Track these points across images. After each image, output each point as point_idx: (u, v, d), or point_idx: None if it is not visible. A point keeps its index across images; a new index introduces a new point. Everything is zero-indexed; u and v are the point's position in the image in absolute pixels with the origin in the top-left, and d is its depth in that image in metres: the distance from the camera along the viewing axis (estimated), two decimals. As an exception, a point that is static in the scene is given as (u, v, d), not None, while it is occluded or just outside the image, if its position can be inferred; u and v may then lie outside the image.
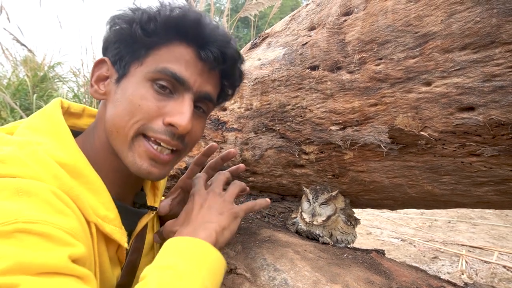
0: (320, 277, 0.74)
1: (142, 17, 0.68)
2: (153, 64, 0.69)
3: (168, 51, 0.70)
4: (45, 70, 4.83)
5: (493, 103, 0.68)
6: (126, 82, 0.70)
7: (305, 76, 0.98)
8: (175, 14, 0.68)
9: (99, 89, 0.73)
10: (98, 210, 0.66)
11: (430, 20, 0.74)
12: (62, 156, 0.64)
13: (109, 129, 0.70)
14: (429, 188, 0.89)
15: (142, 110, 0.68)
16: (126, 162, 0.71)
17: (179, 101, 0.70)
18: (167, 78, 0.68)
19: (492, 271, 2.28)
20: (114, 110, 0.70)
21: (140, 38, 0.68)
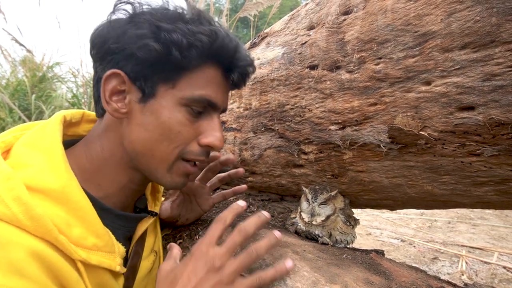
0: (319, 277, 0.73)
1: (182, 42, 0.64)
2: (188, 89, 0.68)
3: (200, 74, 0.69)
4: (44, 71, 4.83)
5: (493, 103, 0.68)
6: (156, 105, 0.68)
7: (304, 75, 0.98)
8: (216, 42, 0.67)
9: (118, 107, 0.68)
10: (86, 240, 0.63)
11: (430, 19, 0.74)
12: (50, 181, 0.61)
13: (140, 152, 0.70)
14: (429, 188, 0.89)
15: (182, 136, 0.70)
16: (163, 181, 0.73)
17: (209, 121, 0.73)
18: (201, 104, 0.70)
19: (492, 272, 2.28)
20: (148, 134, 0.68)
21: (178, 63, 0.65)
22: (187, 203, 1.00)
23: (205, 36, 0.66)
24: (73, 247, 0.60)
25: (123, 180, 0.74)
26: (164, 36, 0.63)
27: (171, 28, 0.64)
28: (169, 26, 0.64)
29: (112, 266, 0.67)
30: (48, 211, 0.58)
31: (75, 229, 0.62)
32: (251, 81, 1.13)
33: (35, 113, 4.10)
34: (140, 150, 0.70)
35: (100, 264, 0.65)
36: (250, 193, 1.28)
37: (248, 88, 1.14)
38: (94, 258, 0.64)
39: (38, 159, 0.64)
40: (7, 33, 4.04)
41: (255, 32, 4.58)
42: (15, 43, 4.11)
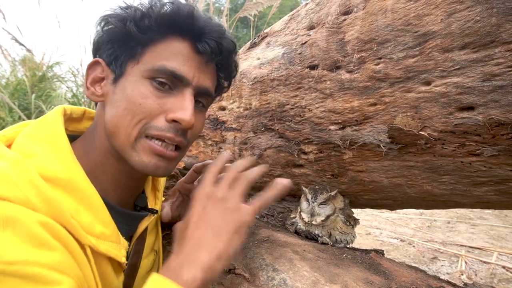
0: (319, 277, 0.73)
1: (135, 14, 0.67)
2: (150, 62, 0.68)
3: (164, 46, 0.69)
4: (43, 70, 4.83)
5: (493, 103, 0.68)
6: (124, 82, 0.69)
7: (304, 75, 0.98)
8: (168, 8, 0.68)
9: (95, 91, 0.72)
10: (94, 228, 0.63)
11: (430, 19, 0.74)
12: (57, 170, 0.62)
13: (110, 130, 0.69)
14: (429, 188, 0.89)
15: (144, 109, 0.67)
16: (132, 161, 0.70)
17: (180, 97, 0.70)
18: (165, 76, 0.68)
19: (491, 272, 2.28)
20: (114, 110, 0.69)
21: (135, 35, 0.67)
22: (186, 205, 0.99)
23: (158, 5, 0.68)
24: (83, 232, 0.60)
25: (115, 173, 0.74)
26: (121, 14, 0.69)
27: (128, 6, 0.69)
28: (128, 5, 0.69)
29: (118, 256, 0.68)
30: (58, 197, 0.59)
31: (84, 217, 0.62)
32: (251, 81, 1.13)
33: (35, 112, 4.09)
34: (110, 128, 0.69)
35: (107, 253, 0.65)
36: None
37: (248, 88, 1.14)
38: (102, 246, 0.64)
39: (43, 149, 0.64)
40: (7, 32, 4.03)
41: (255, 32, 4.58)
42: (15, 42, 4.11)
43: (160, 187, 0.93)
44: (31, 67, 4.67)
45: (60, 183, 0.61)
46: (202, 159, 1.28)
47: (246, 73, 1.15)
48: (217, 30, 0.71)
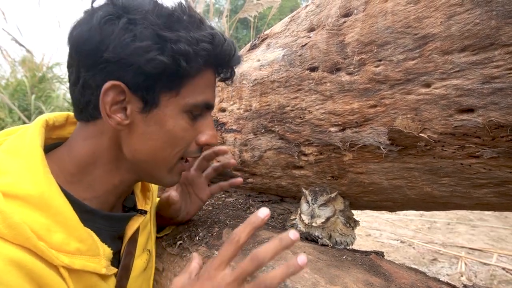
0: (319, 278, 0.73)
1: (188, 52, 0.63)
2: (191, 96, 0.69)
3: (201, 79, 0.70)
4: (43, 71, 4.83)
5: (493, 105, 0.68)
6: (160, 114, 0.67)
7: (305, 77, 0.98)
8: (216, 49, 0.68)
9: (120, 120, 0.66)
10: (68, 245, 0.62)
11: (430, 21, 0.74)
12: (27, 187, 0.60)
13: (143, 159, 0.71)
14: (429, 189, 0.89)
15: (185, 141, 0.73)
16: (161, 181, 0.78)
17: (205, 120, 0.75)
18: (202, 108, 0.73)
19: (491, 273, 2.28)
20: (151, 143, 0.69)
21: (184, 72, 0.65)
22: (186, 196, 1.01)
23: (208, 43, 0.66)
24: (54, 254, 0.59)
25: (115, 181, 0.73)
26: (171, 48, 0.62)
27: (175, 38, 0.62)
28: (173, 36, 0.62)
29: (97, 269, 0.67)
30: (27, 218, 0.57)
31: (56, 235, 0.60)
32: (251, 83, 1.13)
33: (35, 113, 4.10)
34: (144, 158, 0.71)
35: (84, 268, 0.64)
36: (250, 194, 1.28)
37: (248, 90, 1.14)
38: (77, 263, 0.62)
39: (17, 166, 0.62)
40: (7, 33, 4.04)
41: (255, 33, 4.59)
42: (14, 43, 4.12)
43: (151, 187, 0.92)
44: (31, 68, 4.68)
45: (31, 200, 0.59)
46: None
47: (246, 75, 1.15)
48: (238, 59, 0.76)
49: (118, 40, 0.61)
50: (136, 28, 0.61)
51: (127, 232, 0.81)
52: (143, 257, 0.86)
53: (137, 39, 0.61)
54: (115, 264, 0.76)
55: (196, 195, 1.02)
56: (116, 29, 0.61)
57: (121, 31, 0.61)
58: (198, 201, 1.02)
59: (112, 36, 0.61)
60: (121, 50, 0.61)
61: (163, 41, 0.62)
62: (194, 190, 1.02)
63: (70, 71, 0.68)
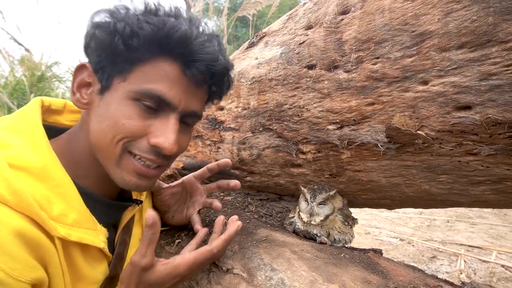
0: (317, 276, 0.73)
1: (124, 30, 0.63)
2: (137, 83, 0.66)
3: (152, 68, 0.66)
4: (42, 70, 4.82)
5: (490, 102, 0.68)
6: (109, 97, 0.68)
7: (302, 75, 0.98)
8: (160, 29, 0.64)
9: (81, 98, 0.71)
10: (67, 216, 0.64)
11: (427, 19, 0.74)
12: (31, 159, 0.63)
13: (93, 143, 0.70)
14: (426, 187, 0.89)
15: (126, 129, 0.67)
16: (113, 176, 0.72)
17: (164, 121, 0.69)
18: (152, 99, 0.67)
19: (490, 271, 2.28)
20: (98, 125, 0.69)
21: (122, 53, 0.64)
22: (181, 201, 1.01)
23: (150, 25, 0.64)
24: (52, 224, 0.60)
25: (100, 172, 0.74)
26: (111, 26, 0.64)
27: (119, 18, 0.64)
28: (119, 16, 0.65)
29: (95, 242, 0.68)
30: (29, 187, 0.59)
31: (56, 206, 0.63)
32: (249, 81, 1.13)
33: (34, 112, 4.09)
34: (93, 141, 0.70)
35: (81, 241, 0.66)
36: (249, 192, 1.28)
37: (247, 88, 1.14)
38: (75, 235, 0.64)
39: (19, 140, 0.65)
40: (6, 32, 4.03)
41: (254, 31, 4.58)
42: (13, 42, 4.11)
43: None
44: (30, 67, 4.67)
45: (33, 171, 0.62)
46: (200, 159, 1.28)
47: (244, 73, 1.15)
48: (210, 57, 0.68)
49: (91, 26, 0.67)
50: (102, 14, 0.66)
51: (122, 220, 0.82)
52: None
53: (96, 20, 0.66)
54: (110, 252, 0.77)
55: (187, 207, 1.01)
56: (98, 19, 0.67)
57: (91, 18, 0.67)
58: (184, 215, 1.00)
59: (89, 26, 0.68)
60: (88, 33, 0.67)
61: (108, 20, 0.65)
62: (189, 202, 1.01)
63: None
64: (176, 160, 1.33)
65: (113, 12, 0.66)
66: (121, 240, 0.81)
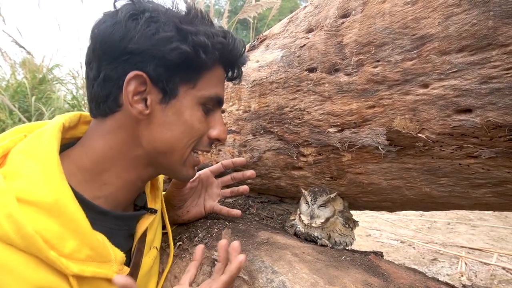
0: (318, 279, 0.73)
1: (207, 44, 0.69)
2: (206, 89, 0.73)
3: (214, 73, 0.75)
4: (43, 72, 4.83)
5: (490, 105, 0.68)
6: (178, 105, 0.71)
7: (303, 78, 0.98)
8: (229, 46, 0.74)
9: (142, 109, 0.69)
10: (80, 253, 0.63)
11: (427, 22, 0.74)
12: (42, 194, 0.61)
13: (161, 150, 0.73)
14: (427, 190, 0.89)
15: (200, 132, 0.76)
16: (177, 175, 0.81)
17: (216, 116, 0.80)
18: (215, 102, 0.77)
19: (491, 273, 2.28)
20: (170, 133, 0.72)
21: (202, 64, 0.70)
22: (196, 195, 1.05)
23: (222, 37, 0.72)
24: (64, 263, 0.59)
25: (131, 177, 0.75)
26: (192, 39, 0.67)
27: (194, 31, 0.67)
28: (192, 29, 0.68)
29: (108, 275, 0.67)
30: (40, 225, 0.58)
31: (69, 243, 0.61)
32: (250, 84, 1.13)
33: (35, 114, 4.10)
34: (162, 149, 0.73)
35: (95, 275, 0.65)
36: (250, 195, 1.28)
37: (247, 91, 1.14)
38: (88, 270, 0.63)
39: (32, 169, 0.63)
40: (7, 35, 4.04)
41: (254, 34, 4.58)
42: (15, 45, 4.12)
43: (159, 185, 0.95)
44: (31, 70, 4.68)
45: (45, 207, 0.60)
46: (202, 161, 1.29)
47: (245, 76, 1.15)
48: (245, 58, 0.83)
49: (142, 32, 0.65)
50: (159, 22, 0.66)
51: (138, 230, 0.81)
52: (150, 254, 0.87)
53: (161, 31, 0.66)
54: (126, 262, 0.77)
55: (204, 200, 1.05)
56: (140, 22, 0.66)
57: (145, 24, 0.66)
58: (202, 206, 1.05)
59: (136, 28, 0.65)
60: (145, 41, 0.65)
61: (184, 33, 0.67)
62: (206, 195, 1.06)
63: (90, 68, 0.71)
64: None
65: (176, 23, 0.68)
66: (137, 249, 0.80)
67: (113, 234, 0.71)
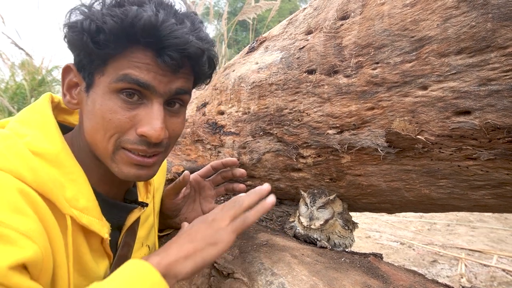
0: (318, 281, 0.73)
1: (90, 27, 0.62)
2: (114, 73, 0.65)
3: (125, 58, 0.65)
4: (43, 74, 4.83)
5: (489, 107, 0.68)
6: (93, 94, 0.68)
7: (302, 80, 0.98)
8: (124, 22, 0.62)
9: (72, 98, 0.72)
10: (77, 201, 0.67)
11: (426, 24, 0.74)
12: (45, 147, 0.66)
13: (88, 141, 0.71)
14: (426, 191, 0.89)
15: (113, 124, 0.66)
16: (113, 171, 0.71)
17: (148, 109, 0.68)
18: (131, 86, 0.65)
19: (491, 275, 2.28)
20: (89, 123, 0.69)
21: (94, 50, 0.64)
22: (190, 201, 1.04)
23: (113, 17, 0.62)
24: (66, 203, 0.64)
25: (101, 171, 0.75)
26: (78, 25, 0.64)
27: (86, 15, 0.64)
28: (86, 14, 0.64)
29: (101, 232, 0.70)
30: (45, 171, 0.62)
31: (68, 191, 0.66)
32: (249, 86, 1.13)
33: (34, 116, 4.09)
34: (88, 139, 0.71)
35: (90, 226, 0.68)
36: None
37: (247, 93, 1.14)
38: (84, 219, 0.67)
39: (33, 131, 0.68)
40: (6, 36, 4.04)
41: (254, 35, 4.59)
42: (14, 46, 4.12)
43: (152, 181, 0.93)
44: (30, 71, 4.68)
45: (47, 157, 0.65)
46: (201, 163, 1.29)
47: (245, 78, 1.15)
48: (180, 38, 0.65)
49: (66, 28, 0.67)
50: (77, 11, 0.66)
51: (126, 222, 0.82)
52: (142, 252, 0.87)
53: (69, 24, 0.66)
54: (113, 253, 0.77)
55: (200, 204, 1.04)
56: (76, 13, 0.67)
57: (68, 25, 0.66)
58: (199, 211, 1.04)
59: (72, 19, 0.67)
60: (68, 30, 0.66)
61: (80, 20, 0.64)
62: (200, 199, 1.04)
63: None
64: (177, 164, 1.34)
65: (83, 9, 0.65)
66: (124, 242, 0.80)
67: None
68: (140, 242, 0.87)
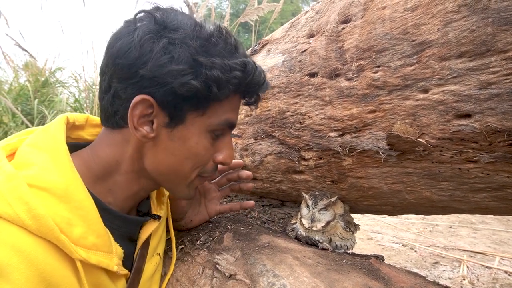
0: (319, 283, 0.74)
1: (220, 79, 0.66)
2: (216, 116, 0.71)
3: (228, 102, 0.72)
4: (46, 75, 4.85)
5: (489, 110, 0.69)
6: (184, 131, 0.70)
7: (304, 83, 0.99)
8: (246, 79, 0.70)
9: (147, 133, 0.68)
10: (86, 239, 0.64)
11: (427, 28, 0.75)
12: (53, 179, 0.62)
13: (164, 172, 0.74)
14: (427, 194, 0.90)
15: (204, 159, 0.75)
16: (178, 194, 0.81)
17: (224, 139, 0.77)
18: (225, 127, 0.75)
19: (493, 277, 2.27)
20: (173, 158, 0.72)
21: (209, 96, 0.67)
22: (196, 204, 1.04)
23: (240, 72, 0.68)
24: (73, 247, 0.61)
25: (134, 188, 0.76)
26: (205, 74, 0.65)
27: (209, 64, 0.65)
28: (208, 62, 0.65)
29: (109, 266, 0.68)
30: (50, 210, 0.60)
31: (76, 229, 0.62)
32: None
33: (38, 117, 4.11)
34: (165, 171, 0.74)
35: (99, 264, 0.66)
36: (251, 198, 1.29)
37: (249, 95, 1.15)
38: (93, 258, 0.65)
39: (43, 158, 0.65)
40: (10, 38, 4.06)
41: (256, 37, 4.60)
42: (18, 48, 4.14)
43: (165, 192, 0.95)
44: (33, 73, 4.70)
45: (56, 192, 0.62)
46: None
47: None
48: (266, 87, 0.78)
49: (156, 59, 0.63)
50: (175, 50, 0.64)
51: (141, 235, 0.82)
52: (153, 261, 0.88)
53: (174, 61, 0.64)
54: (128, 266, 0.77)
55: (205, 206, 1.05)
56: (155, 48, 0.64)
57: (161, 50, 0.64)
58: (205, 213, 1.05)
59: (150, 54, 0.64)
60: (157, 69, 0.64)
61: (199, 66, 0.65)
62: (205, 201, 1.05)
63: (103, 78, 0.71)
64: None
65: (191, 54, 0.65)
66: (140, 254, 0.81)
67: (112, 233, 0.72)
68: (152, 252, 0.87)
